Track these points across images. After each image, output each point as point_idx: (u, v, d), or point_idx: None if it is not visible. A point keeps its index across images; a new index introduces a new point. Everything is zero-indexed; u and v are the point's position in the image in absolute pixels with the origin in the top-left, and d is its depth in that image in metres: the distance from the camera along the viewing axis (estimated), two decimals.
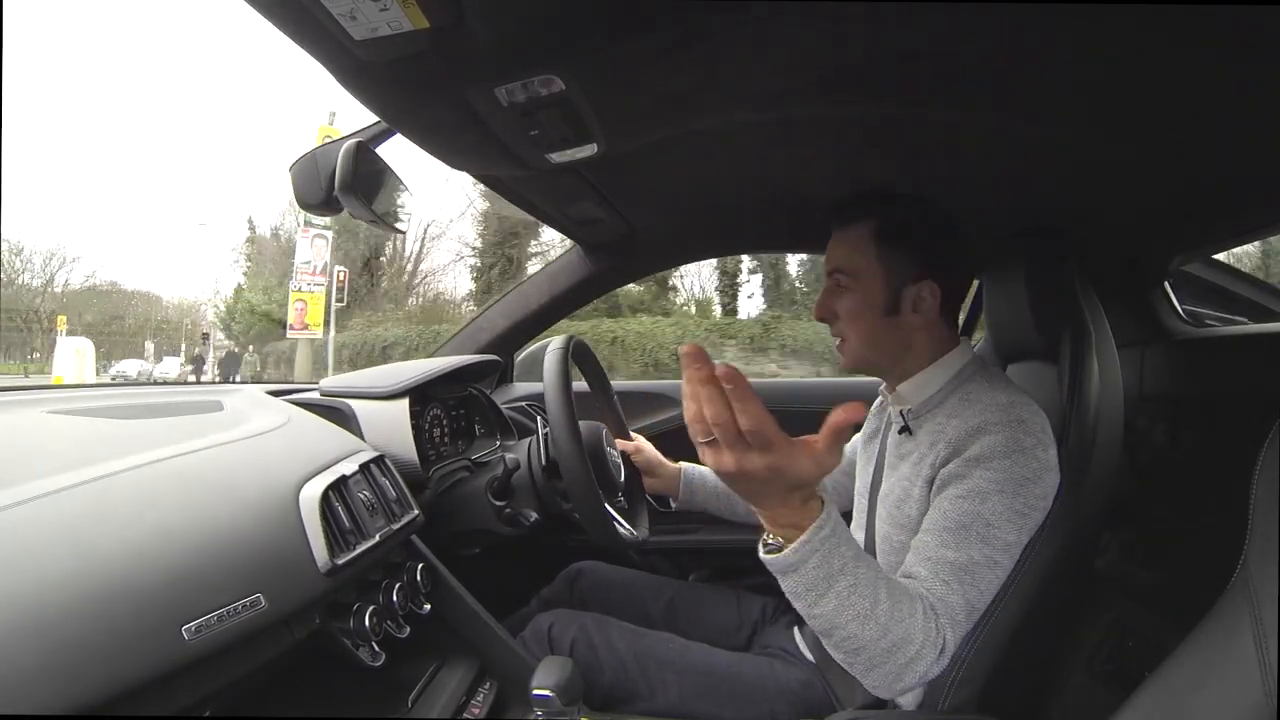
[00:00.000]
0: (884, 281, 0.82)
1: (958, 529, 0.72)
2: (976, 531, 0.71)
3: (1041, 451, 0.74)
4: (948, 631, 0.68)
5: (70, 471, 0.57)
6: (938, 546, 0.72)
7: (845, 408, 0.55)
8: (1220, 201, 0.86)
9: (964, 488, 0.73)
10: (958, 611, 0.69)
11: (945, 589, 0.70)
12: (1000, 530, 0.71)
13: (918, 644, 0.65)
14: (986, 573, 0.71)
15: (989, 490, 0.72)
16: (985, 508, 0.72)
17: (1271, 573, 0.40)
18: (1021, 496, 0.72)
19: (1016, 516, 0.72)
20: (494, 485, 1.00)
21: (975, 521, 0.72)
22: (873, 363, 0.86)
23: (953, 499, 0.74)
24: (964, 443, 0.75)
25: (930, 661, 0.66)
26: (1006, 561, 0.72)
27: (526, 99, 0.62)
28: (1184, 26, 0.51)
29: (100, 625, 0.46)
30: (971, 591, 0.70)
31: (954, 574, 0.70)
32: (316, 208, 0.77)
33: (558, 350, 0.97)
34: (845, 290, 0.84)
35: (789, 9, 0.54)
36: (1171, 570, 1.01)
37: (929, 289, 0.82)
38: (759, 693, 0.87)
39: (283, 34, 0.52)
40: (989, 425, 0.74)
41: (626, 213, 1.15)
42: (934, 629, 0.67)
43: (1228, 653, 0.41)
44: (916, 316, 0.82)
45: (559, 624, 0.94)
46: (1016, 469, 0.72)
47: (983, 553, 0.71)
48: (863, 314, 0.83)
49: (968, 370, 0.83)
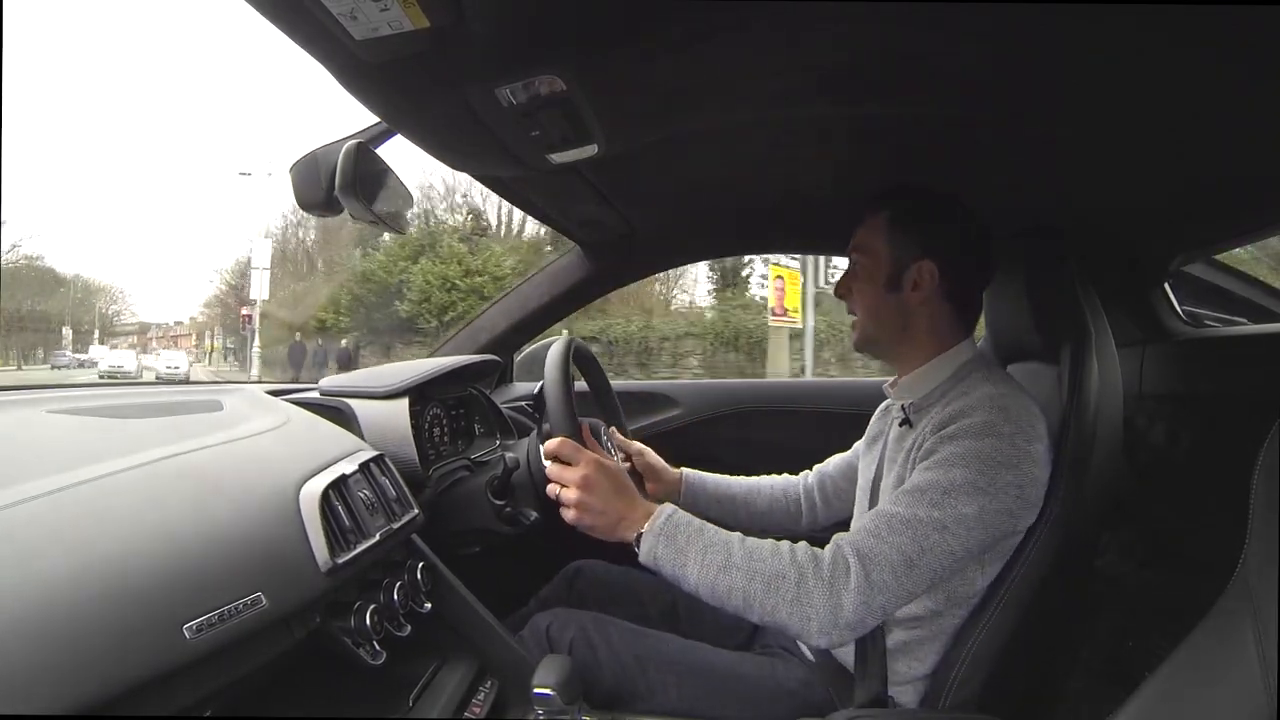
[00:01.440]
0: (889, 259, 0.86)
1: (913, 490, 0.74)
2: (929, 496, 0.72)
3: (1022, 440, 0.74)
4: (853, 562, 0.71)
5: (70, 471, 0.57)
6: (889, 504, 0.75)
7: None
8: (1220, 201, 0.86)
9: (931, 460, 0.75)
10: (882, 560, 0.71)
11: (868, 535, 0.72)
12: (955, 500, 0.72)
13: (793, 578, 0.71)
14: (930, 532, 0.71)
15: (953, 462, 0.73)
16: (944, 475, 0.73)
17: (1271, 572, 0.40)
18: (986, 475, 0.72)
19: (976, 492, 0.72)
20: (494, 484, 1.00)
21: (931, 487, 0.73)
22: (874, 338, 0.90)
23: (919, 470, 0.76)
24: (944, 423, 0.77)
25: (824, 593, 0.70)
26: (959, 532, 0.72)
27: (527, 99, 0.62)
28: (1184, 26, 0.51)
29: (101, 625, 0.46)
30: (908, 544, 0.71)
31: (889, 524, 0.72)
32: (317, 208, 0.77)
33: (559, 351, 0.97)
34: (859, 269, 0.89)
35: (789, 9, 0.54)
36: (1171, 570, 1.01)
37: (928, 269, 0.85)
38: (759, 692, 0.87)
39: (283, 34, 0.52)
40: (969, 408, 0.76)
41: (626, 213, 1.15)
42: (812, 564, 0.71)
43: (1228, 652, 0.41)
44: (915, 294, 0.85)
45: (558, 623, 0.94)
46: (985, 448, 0.73)
47: (929, 513, 0.72)
48: (867, 289, 0.88)
49: (969, 367, 0.84)
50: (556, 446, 0.82)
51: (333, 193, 0.75)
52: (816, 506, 1.10)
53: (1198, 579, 0.90)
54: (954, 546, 0.72)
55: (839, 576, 0.71)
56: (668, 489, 1.14)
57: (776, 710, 0.86)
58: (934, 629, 0.81)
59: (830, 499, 1.10)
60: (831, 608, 0.70)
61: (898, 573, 0.71)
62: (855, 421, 1.05)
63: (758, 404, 1.50)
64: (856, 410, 1.03)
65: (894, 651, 0.82)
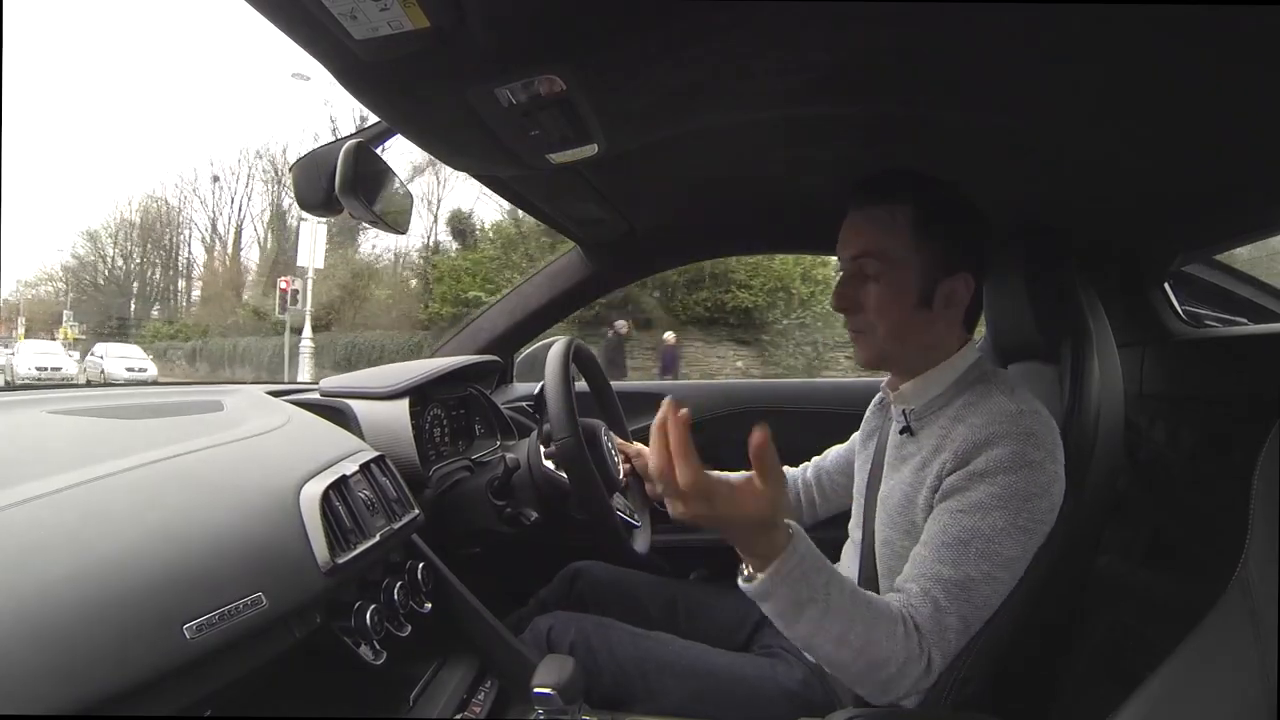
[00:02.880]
0: (921, 271, 0.76)
1: (956, 544, 0.70)
2: (976, 548, 0.69)
3: (1050, 464, 0.72)
4: (934, 651, 0.68)
5: (70, 471, 0.57)
6: (934, 562, 0.70)
7: (756, 431, 0.60)
8: (1220, 201, 0.86)
9: (965, 501, 0.71)
10: (949, 630, 0.68)
11: (934, 608, 0.69)
12: (1001, 546, 0.69)
13: (898, 663, 0.66)
14: (984, 588, 0.69)
15: (991, 505, 0.70)
16: (986, 523, 0.69)
17: (1271, 573, 0.40)
18: (1026, 512, 0.70)
19: (1019, 533, 0.70)
20: (494, 485, 1.00)
21: (975, 538, 0.70)
22: (895, 359, 0.81)
23: (953, 512, 0.71)
24: (970, 454, 0.72)
25: (915, 678, 0.67)
26: (1007, 577, 0.70)
27: (527, 99, 0.62)
28: (1184, 26, 0.51)
29: (101, 625, 0.46)
30: (966, 608, 0.69)
31: (946, 592, 0.69)
32: (317, 208, 0.77)
33: (559, 352, 0.97)
34: (872, 279, 0.77)
35: (789, 9, 0.54)
36: (1171, 570, 1.01)
37: (964, 282, 0.77)
38: (759, 693, 0.87)
39: (283, 33, 0.52)
40: (996, 438, 0.71)
41: (626, 213, 1.15)
42: (916, 649, 0.67)
43: (1228, 653, 0.41)
44: (950, 312, 0.78)
45: (558, 626, 0.94)
46: (1021, 484, 0.70)
47: (980, 569, 0.69)
48: (893, 305, 0.76)
49: (974, 373, 0.80)
50: (693, 484, 0.60)
51: (333, 192, 0.75)
52: (815, 502, 1.10)
53: (1198, 579, 0.90)
54: (1003, 590, 0.70)
55: (919, 659, 0.68)
56: None
57: (776, 711, 0.86)
58: None
59: (828, 494, 1.09)
60: (914, 685, 0.68)
61: (961, 636, 0.69)
62: (854, 422, 1.05)
63: (758, 404, 1.50)
64: (856, 410, 1.03)
65: None
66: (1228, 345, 1.09)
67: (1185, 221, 0.97)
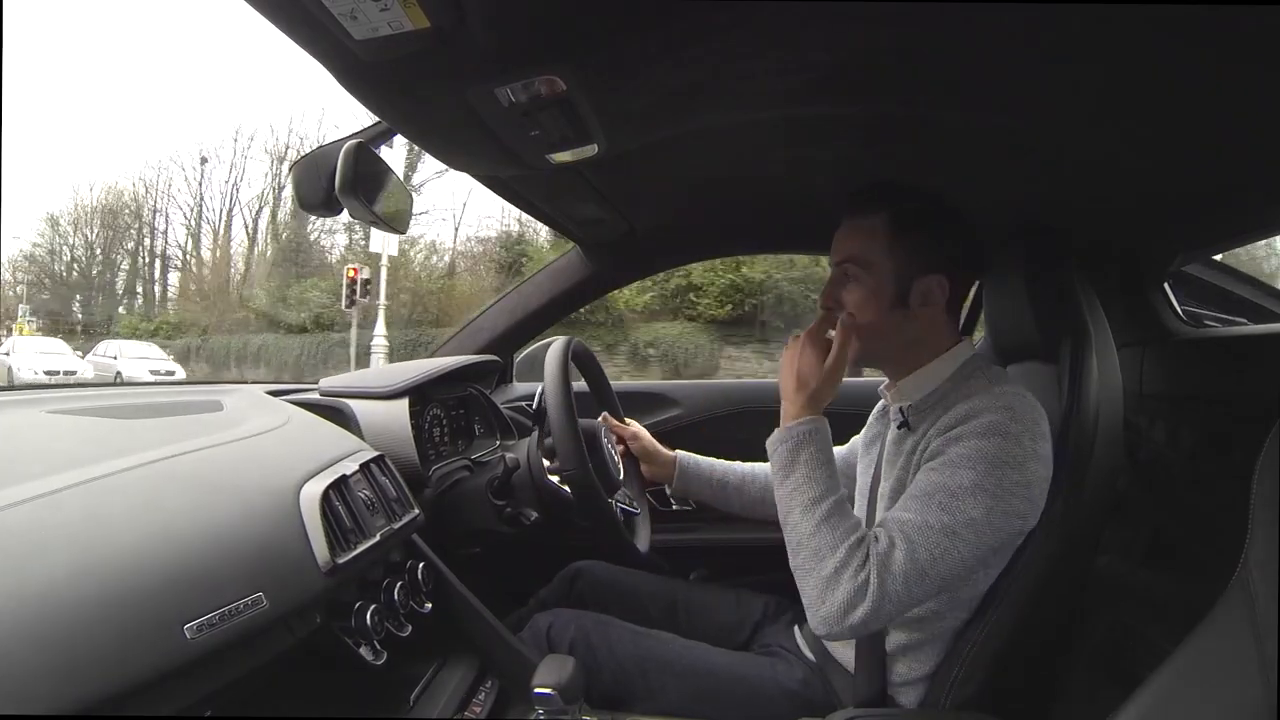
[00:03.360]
0: (894, 272, 0.82)
1: (921, 495, 0.73)
2: (938, 500, 0.72)
3: (1028, 440, 0.73)
4: (873, 572, 0.70)
5: (70, 471, 0.57)
6: (899, 510, 0.74)
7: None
8: (1220, 201, 0.86)
9: (937, 461, 0.75)
10: (894, 566, 0.70)
11: (887, 544, 0.72)
12: (963, 503, 0.71)
13: (837, 560, 0.72)
14: (941, 539, 0.71)
15: (959, 464, 0.73)
16: (952, 479, 0.72)
17: (1272, 573, 0.40)
18: (994, 477, 0.72)
19: (983, 494, 0.71)
20: (494, 485, 1.00)
21: (938, 490, 0.72)
22: (876, 355, 0.86)
23: (925, 471, 0.75)
24: (951, 425, 0.76)
25: (848, 593, 0.70)
26: (969, 537, 0.71)
27: (527, 99, 0.62)
28: (1184, 26, 0.51)
29: (101, 625, 0.46)
30: (920, 551, 0.70)
31: (902, 533, 0.72)
32: (317, 208, 0.77)
33: (558, 351, 0.97)
34: (853, 280, 0.83)
35: (789, 9, 0.54)
36: (1171, 570, 1.01)
37: (938, 283, 0.82)
38: (759, 692, 0.87)
39: (283, 34, 0.52)
40: (976, 410, 0.75)
41: (626, 213, 1.15)
42: (858, 560, 0.71)
43: (1228, 653, 0.41)
44: (925, 310, 0.82)
45: (558, 624, 0.94)
46: (992, 450, 0.72)
47: (939, 519, 0.71)
48: (869, 305, 0.82)
49: (969, 368, 0.83)
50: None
51: (333, 193, 0.75)
52: None
53: (1198, 579, 0.90)
54: (964, 554, 0.71)
55: (859, 572, 0.71)
56: (662, 470, 1.14)
57: (776, 710, 0.86)
58: (935, 630, 0.80)
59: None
60: (845, 606, 0.71)
61: (909, 582, 0.70)
62: (854, 421, 1.05)
63: (757, 404, 1.50)
64: (855, 410, 1.03)
65: (895, 653, 0.82)
66: (1228, 345, 1.09)
67: (1185, 221, 0.97)
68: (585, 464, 0.94)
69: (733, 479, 1.12)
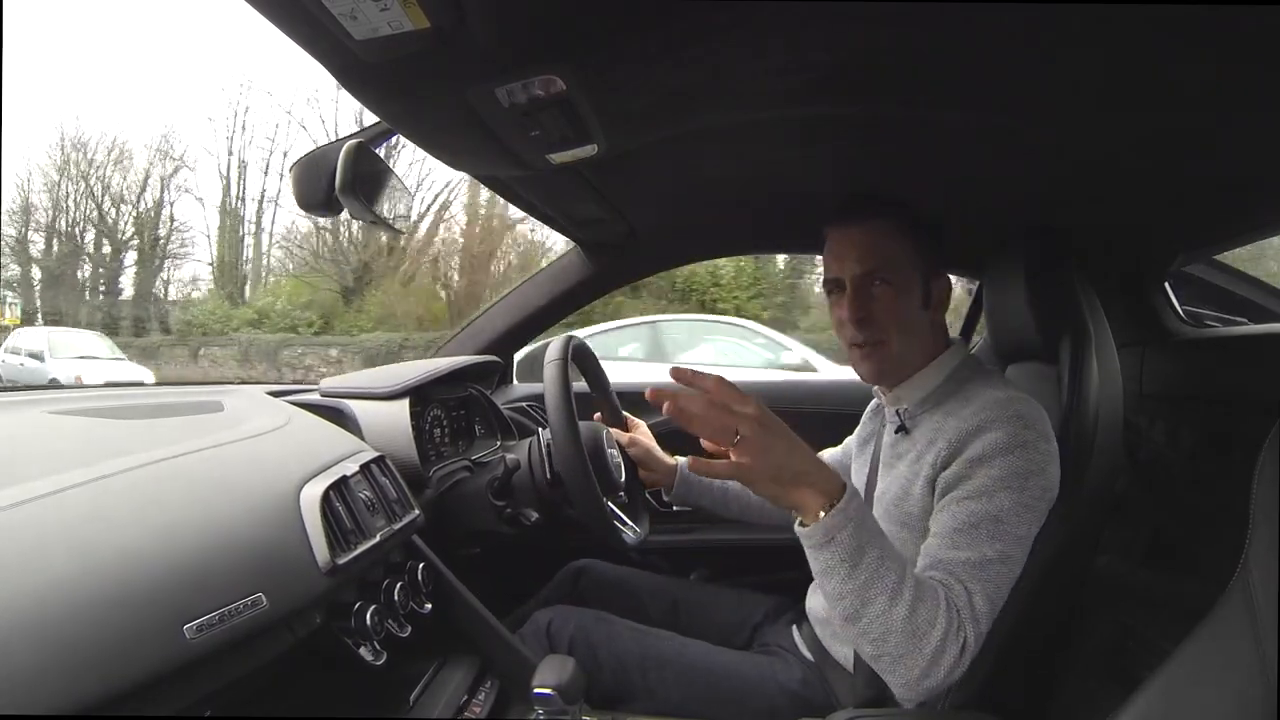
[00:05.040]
0: (920, 274, 0.82)
1: (967, 529, 0.71)
2: (986, 529, 0.71)
3: (1044, 444, 0.74)
4: (969, 629, 0.67)
5: (71, 471, 0.57)
6: (949, 549, 0.71)
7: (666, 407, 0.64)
8: (1220, 201, 0.86)
9: (969, 488, 0.73)
10: (978, 609, 0.69)
11: (962, 588, 0.69)
12: (1010, 525, 0.71)
13: (940, 632, 0.65)
14: (1000, 568, 0.70)
15: (994, 488, 0.72)
16: (992, 505, 0.71)
17: (1272, 573, 0.40)
18: (1028, 490, 0.72)
19: (1024, 510, 0.72)
20: (494, 485, 1.00)
21: (984, 520, 0.71)
22: (906, 360, 0.83)
23: (959, 500, 0.73)
24: (964, 442, 0.74)
25: (954, 657, 0.66)
26: (1019, 555, 0.72)
27: (527, 99, 0.62)
28: (1184, 26, 0.51)
29: (101, 625, 0.46)
30: (990, 587, 0.70)
31: (968, 572, 0.70)
32: (317, 208, 0.77)
33: (557, 351, 0.97)
34: (883, 285, 0.80)
35: (789, 9, 0.54)
36: (1171, 570, 1.01)
37: (946, 284, 0.84)
38: (759, 692, 0.87)
39: (283, 33, 0.52)
40: (988, 423, 0.74)
41: (626, 213, 1.15)
42: (955, 623, 0.66)
43: (1228, 653, 0.41)
44: (939, 311, 0.84)
45: (558, 620, 0.94)
46: (1019, 463, 0.72)
47: (995, 549, 0.70)
48: (904, 310, 0.81)
49: (964, 370, 0.83)
50: (715, 384, 0.65)
51: (333, 192, 0.75)
52: None
53: (1198, 579, 0.90)
54: (1016, 567, 0.71)
55: (958, 635, 0.67)
56: (662, 476, 1.13)
57: (776, 710, 0.86)
58: None
59: None
60: (950, 669, 0.66)
61: (990, 618, 0.69)
62: (852, 421, 1.05)
63: (763, 403, 1.50)
64: (855, 410, 1.03)
65: None
66: (1228, 345, 1.09)
67: (1185, 221, 0.97)
68: (585, 464, 0.94)
69: (734, 485, 1.12)
